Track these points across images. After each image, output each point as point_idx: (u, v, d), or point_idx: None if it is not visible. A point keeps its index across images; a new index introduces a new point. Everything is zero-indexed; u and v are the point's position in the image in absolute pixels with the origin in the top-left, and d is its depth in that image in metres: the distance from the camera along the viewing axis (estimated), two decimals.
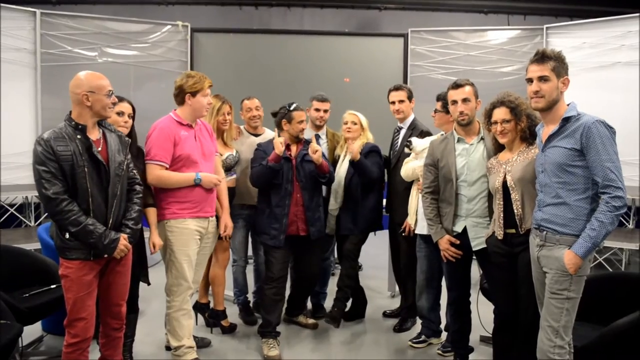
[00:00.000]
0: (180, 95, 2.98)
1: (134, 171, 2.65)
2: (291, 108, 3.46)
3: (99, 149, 2.43)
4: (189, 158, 2.94)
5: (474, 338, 3.28)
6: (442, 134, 3.29)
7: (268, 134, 3.90)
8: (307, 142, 3.53)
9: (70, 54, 5.86)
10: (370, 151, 3.64)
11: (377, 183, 3.70)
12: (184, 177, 2.93)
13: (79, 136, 2.38)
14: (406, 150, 3.49)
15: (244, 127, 3.91)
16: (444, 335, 3.50)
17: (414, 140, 3.45)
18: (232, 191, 3.57)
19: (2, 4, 5.30)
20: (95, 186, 2.38)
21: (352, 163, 3.54)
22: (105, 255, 2.43)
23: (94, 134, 2.46)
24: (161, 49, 6.41)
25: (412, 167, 3.41)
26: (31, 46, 5.62)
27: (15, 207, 5.52)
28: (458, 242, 2.90)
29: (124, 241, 2.46)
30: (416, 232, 3.45)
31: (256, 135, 3.88)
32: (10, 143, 5.26)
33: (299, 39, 7.07)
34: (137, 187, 2.64)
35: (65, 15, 5.94)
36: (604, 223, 2.15)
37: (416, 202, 3.42)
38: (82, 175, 2.35)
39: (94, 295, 2.47)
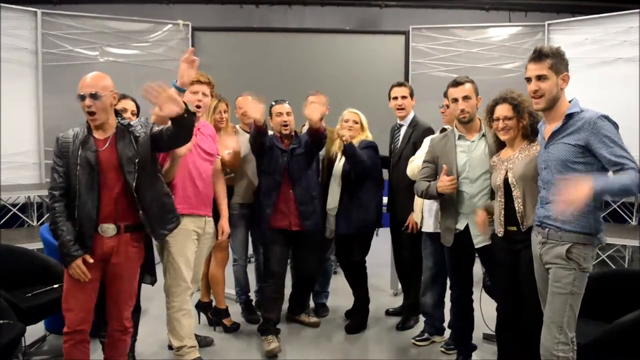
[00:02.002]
0: None
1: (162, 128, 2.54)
2: (271, 104, 3.53)
3: (102, 148, 2.43)
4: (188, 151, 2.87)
5: (477, 336, 3.27)
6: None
7: None
8: (297, 137, 3.55)
9: (71, 54, 5.87)
10: (366, 147, 3.62)
11: (370, 174, 3.63)
12: None
13: (85, 134, 2.44)
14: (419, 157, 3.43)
15: (239, 126, 3.90)
16: (447, 333, 3.49)
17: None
18: (230, 190, 3.57)
19: (3, 4, 5.30)
20: (83, 185, 2.39)
21: (344, 151, 3.46)
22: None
23: (103, 133, 2.47)
24: (162, 48, 6.41)
25: (417, 165, 3.39)
26: (32, 46, 5.62)
27: (18, 207, 5.53)
28: (454, 176, 2.84)
29: (81, 265, 2.38)
30: (422, 229, 3.44)
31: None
32: (12, 142, 5.26)
33: (300, 37, 7.07)
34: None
35: (66, 14, 5.95)
36: (622, 177, 2.07)
37: (422, 200, 3.41)
38: (74, 173, 2.40)
39: (87, 291, 2.46)
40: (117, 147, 2.44)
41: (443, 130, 3.50)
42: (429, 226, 3.37)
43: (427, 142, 3.41)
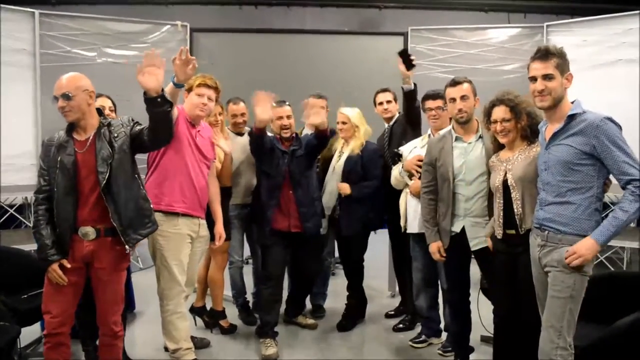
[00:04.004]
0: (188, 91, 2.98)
1: (144, 129, 2.51)
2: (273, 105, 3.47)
3: (82, 150, 2.43)
4: (180, 142, 2.85)
5: (474, 338, 3.26)
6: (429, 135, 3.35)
7: None
8: (297, 139, 3.54)
9: (69, 55, 5.84)
10: (372, 156, 3.68)
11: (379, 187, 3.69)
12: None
13: (64, 137, 2.45)
14: (398, 165, 3.46)
15: (228, 129, 3.86)
16: (445, 335, 3.48)
17: (401, 149, 3.44)
18: (227, 191, 3.56)
19: (0, 5, 5.28)
20: (60, 189, 2.40)
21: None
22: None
23: (84, 134, 2.47)
24: (161, 49, 6.30)
25: (394, 174, 3.46)
26: (30, 47, 5.59)
27: (15, 207, 5.52)
28: (444, 254, 2.92)
29: (57, 270, 2.40)
30: (408, 231, 3.43)
31: (240, 134, 3.85)
32: (11, 144, 5.24)
33: (299, 39, 7.05)
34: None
35: (64, 15, 5.92)
36: (627, 212, 2.12)
37: (405, 203, 3.41)
38: (53, 176, 2.42)
39: (66, 295, 2.46)
40: (95, 148, 2.43)
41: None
42: (414, 227, 3.36)
43: (406, 148, 3.43)
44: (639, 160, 2.15)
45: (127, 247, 2.48)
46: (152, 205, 2.66)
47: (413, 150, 3.36)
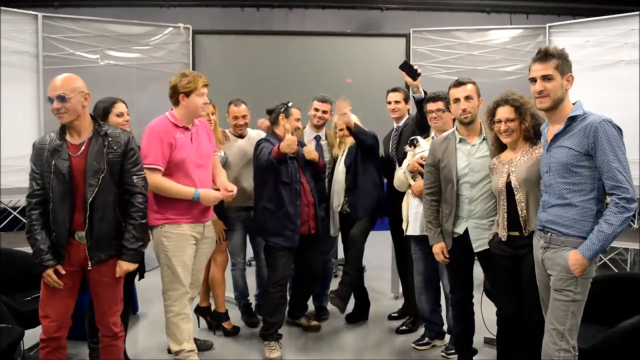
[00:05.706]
0: (175, 96, 2.91)
1: (134, 177, 2.51)
2: (289, 104, 3.52)
3: (76, 154, 2.41)
4: (183, 163, 2.85)
5: (478, 340, 3.25)
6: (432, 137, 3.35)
7: (251, 134, 3.86)
8: (302, 145, 3.56)
9: (72, 57, 5.85)
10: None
11: (375, 151, 3.72)
12: (183, 191, 2.83)
13: (57, 140, 2.42)
14: (408, 148, 3.43)
15: (229, 131, 3.84)
16: (448, 337, 3.47)
17: (420, 138, 3.42)
18: None
19: (3, 8, 5.30)
20: (56, 194, 2.38)
21: (351, 131, 3.57)
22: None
23: (78, 138, 2.45)
24: (163, 51, 6.39)
25: (397, 175, 3.46)
26: (33, 49, 5.61)
27: (18, 210, 5.53)
28: (448, 256, 2.92)
29: (52, 274, 2.39)
30: (408, 233, 3.42)
31: (241, 137, 3.84)
32: (13, 146, 5.25)
33: (301, 40, 7.06)
34: (137, 200, 2.51)
35: (66, 18, 5.94)
36: (612, 225, 2.13)
37: (407, 206, 3.41)
38: (48, 181, 2.39)
39: (63, 298, 2.46)
40: (87, 155, 2.41)
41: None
42: (415, 229, 3.36)
43: (423, 141, 3.41)
44: (629, 169, 2.16)
45: (89, 263, 2.43)
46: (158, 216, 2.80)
47: (422, 152, 3.33)
